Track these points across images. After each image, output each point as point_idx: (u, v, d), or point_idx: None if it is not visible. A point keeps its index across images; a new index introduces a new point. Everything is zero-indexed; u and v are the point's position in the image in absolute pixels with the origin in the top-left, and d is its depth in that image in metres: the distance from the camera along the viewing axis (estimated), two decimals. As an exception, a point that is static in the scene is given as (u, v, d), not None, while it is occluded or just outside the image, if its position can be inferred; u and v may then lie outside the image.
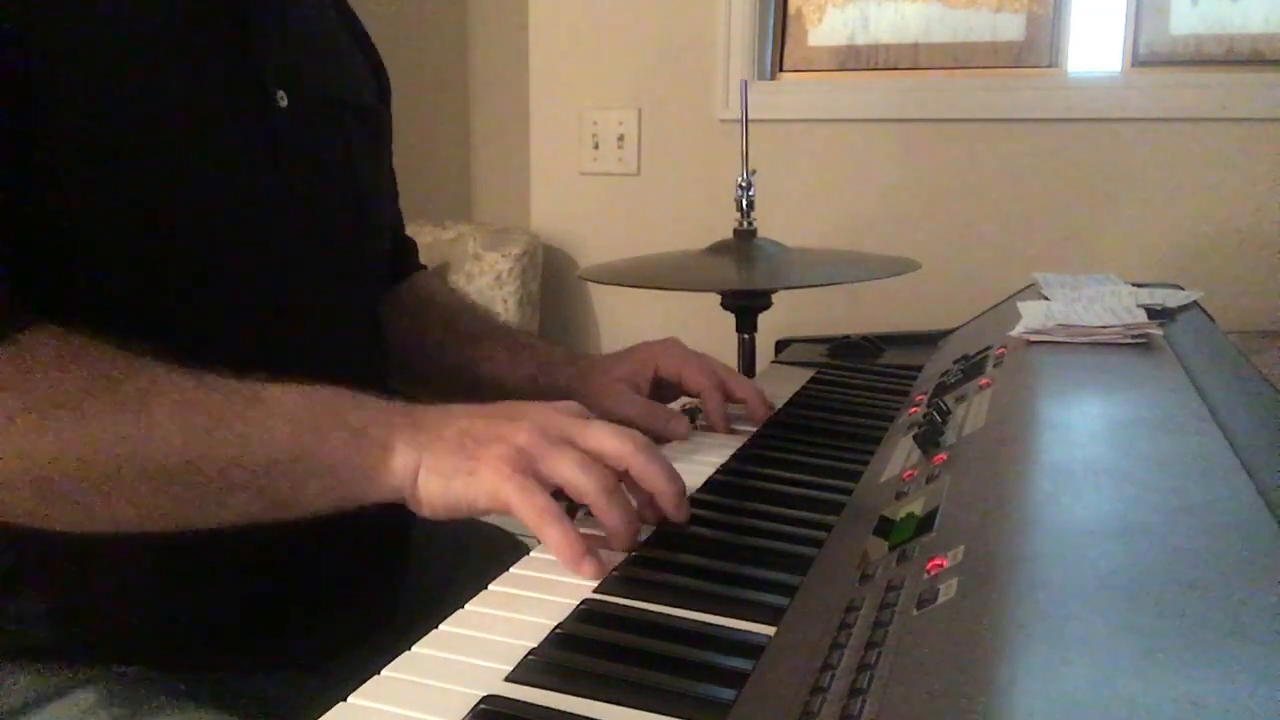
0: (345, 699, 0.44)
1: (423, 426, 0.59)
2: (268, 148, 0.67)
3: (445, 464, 0.57)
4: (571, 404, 0.63)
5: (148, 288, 0.61)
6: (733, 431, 0.84)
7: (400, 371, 0.89)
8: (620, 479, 0.59)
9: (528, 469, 0.56)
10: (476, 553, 0.87)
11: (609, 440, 0.59)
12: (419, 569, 0.82)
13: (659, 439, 0.79)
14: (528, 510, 0.55)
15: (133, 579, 0.63)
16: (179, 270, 0.62)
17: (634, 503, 0.60)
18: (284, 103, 0.68)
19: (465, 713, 0.43)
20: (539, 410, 0.61)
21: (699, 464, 0.75)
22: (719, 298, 1.33)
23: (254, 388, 0.57)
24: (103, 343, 0.55)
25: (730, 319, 1.34)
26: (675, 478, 0.60)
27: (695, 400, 0.90)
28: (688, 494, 0.67)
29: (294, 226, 0.69)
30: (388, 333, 0.85)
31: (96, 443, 0.52)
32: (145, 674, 0.63)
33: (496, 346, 0.90)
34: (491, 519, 0.94)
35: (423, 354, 0.91)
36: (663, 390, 0.88)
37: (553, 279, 2.09)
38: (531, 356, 0.89)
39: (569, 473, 0.57)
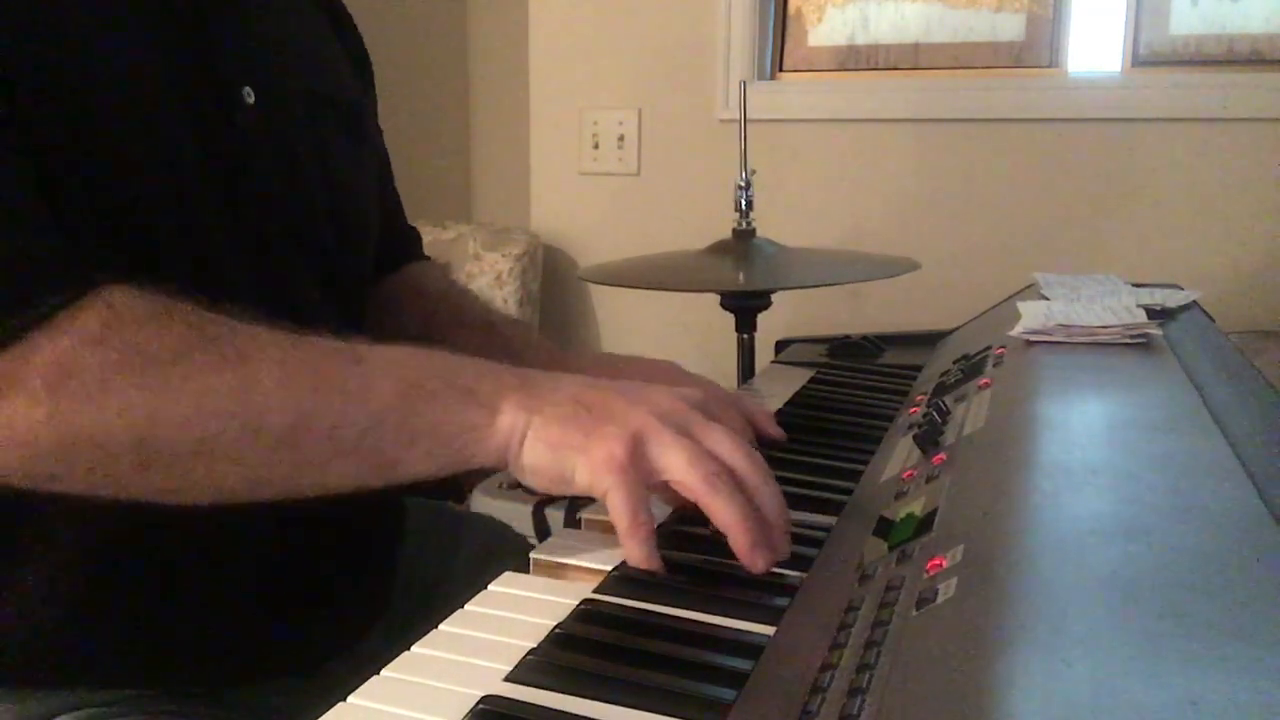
0: (345, 699, 0.44)
1: (534, 391, 0.56)
2: (236, 147, 0.64)
3: (554, 434, 0.55)
4: (696, 392, 0.60)
5: None
6: None
7: None
8: None
9: (639, 458, 0.54)
10: (476, 551, 0.87)
11: (726, 445, 0.56)
12: (415, 567, 0.82)
13: None
14: (621, 515, 0.53)
15: (111, 594, 0.61)
16: (155, 274, 0.58)
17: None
18: (251, 99, 0.65)
19: (465, 713, 0.43)
20: (662, 395, 0.58)
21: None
22: (719, 298, 1.33)
23: (355, 346, 0.56)
24: (189, 300, 0.53)
25: (730, 319, 1.34)
26: (786, 513, 0.56)
27: None
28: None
29: (271, 224, 0.67)
30: (372, 327, 0.81)
31: (198, 400, 0.50)
32: (129, 696, 0.61)
33: (473, 337, 0.86)
34: (488, 511, 0.94)
35: None
36: None
37: (553, 279, 2.09)
38: (505, 350, 0.84)
39: (677, 465, 0.54)
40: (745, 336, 1.35)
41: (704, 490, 0.53)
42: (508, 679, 0.45)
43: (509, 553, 0.59)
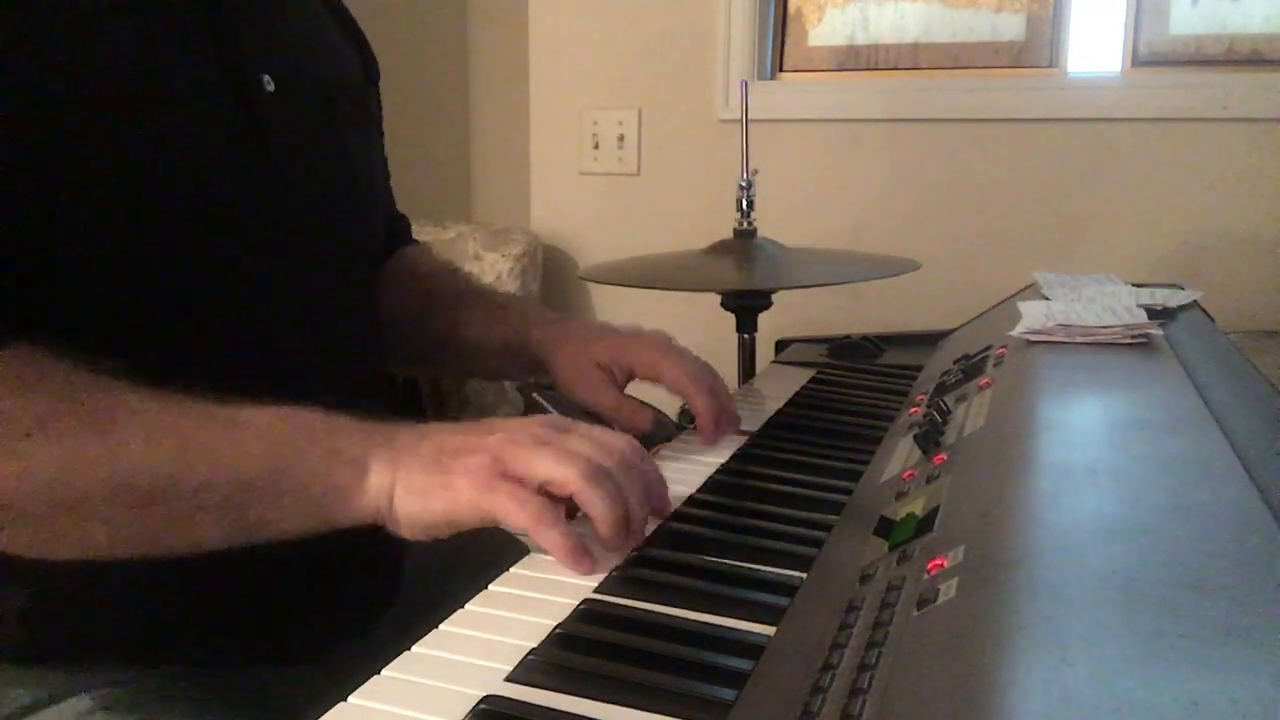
0: (346, 698, 0.44)
1: (397, 445, 0.58)
2: (256, 134, 0.66)
3: (420, 481, 0.56)
4: (550, 416, 0.62)
5: (144, 283, 0.60)
6: (741, 433, 0.81)
7: (391, 348, 0.88)
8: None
9: (505, 473, 0.55)
10: (476, 552, 0.87)
11: (586, 443, 0.58)
12: (418, 567, 0.82)
13: (624, 430, 0.77)
14: (517, 514, 0.54)
15: (123, 575, 0.61)
16: (175, 264, 0.61)
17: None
18: (271, 88, 0.67)
19: (465, 713, 0.43)
20: (515, 420, 0.60)
21: (699, 464, 0.75)
22: (719, 298, 1.33)
23: (230, 410, 0.56)
24: (67, 361, 0.54)
25: (730, 319, 1.34)
26: (657, 491, 0.61)
27: None
28: (689, 495, 0.67)
29: (289, 212, 0.68)
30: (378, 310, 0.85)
31: (64, 466, 0.52)
32: (143, 676, 0.62)
33: (474, 309, 0.89)
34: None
35: (407, 327, 0.90)
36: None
37: (553, 279, 2.09)
38: (506, 316, 0.88)
39: (546, 467, 0.55)
40: (746, 336, 1.35)
41: (579, 484, 0.55)
42: (509, 679, 0.45)
43: (515, 553, 0.60)
